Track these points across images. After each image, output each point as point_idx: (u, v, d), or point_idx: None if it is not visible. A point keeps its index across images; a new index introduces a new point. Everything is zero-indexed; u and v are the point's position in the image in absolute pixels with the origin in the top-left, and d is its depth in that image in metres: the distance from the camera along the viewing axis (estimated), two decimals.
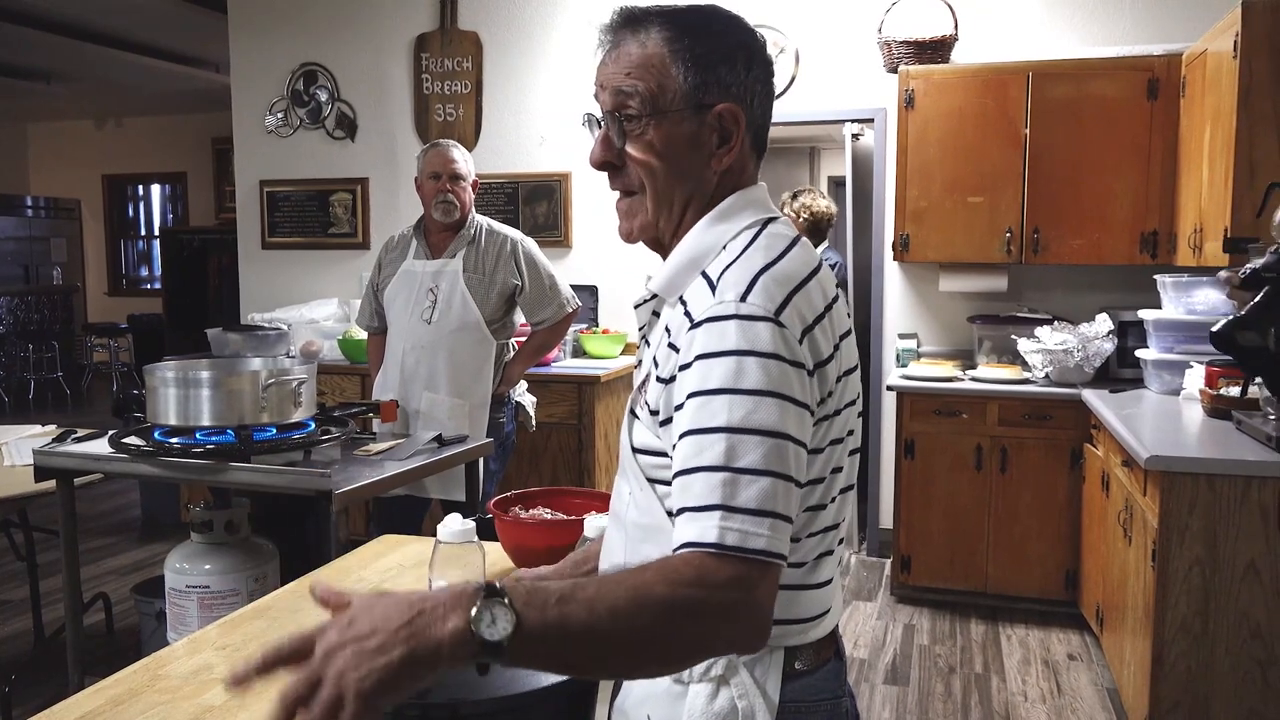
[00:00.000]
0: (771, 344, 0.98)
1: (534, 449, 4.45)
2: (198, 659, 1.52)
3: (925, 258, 4.48)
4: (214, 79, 8.67)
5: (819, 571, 1.12)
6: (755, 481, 0.94)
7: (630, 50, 1.10)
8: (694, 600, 0.90)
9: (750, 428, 0.95)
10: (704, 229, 1.12)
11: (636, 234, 1.17)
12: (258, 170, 5.75)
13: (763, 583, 0.94)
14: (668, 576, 0.91)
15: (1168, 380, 3.76)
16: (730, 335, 0.98)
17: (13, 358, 10.23)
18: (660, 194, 1.12)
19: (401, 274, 3.46)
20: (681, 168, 1.11)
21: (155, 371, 2.71)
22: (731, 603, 0.92)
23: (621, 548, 1.15)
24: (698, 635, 0.92)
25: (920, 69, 4.37)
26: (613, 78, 1.11)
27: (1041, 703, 3.37)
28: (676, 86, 1.09)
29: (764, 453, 0.95)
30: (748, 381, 0.96)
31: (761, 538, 0.93)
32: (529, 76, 5.23)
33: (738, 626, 0.93)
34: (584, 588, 0.88)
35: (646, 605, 0.88)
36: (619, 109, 1.11)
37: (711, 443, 0.96)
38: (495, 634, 0.82)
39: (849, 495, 1.16)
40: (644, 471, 1.09)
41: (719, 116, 1.10)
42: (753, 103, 1.12)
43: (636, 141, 1.11)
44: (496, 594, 0.84)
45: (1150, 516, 2.81)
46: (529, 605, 0.84)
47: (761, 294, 1.00)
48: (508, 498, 2.01)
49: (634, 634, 0.89)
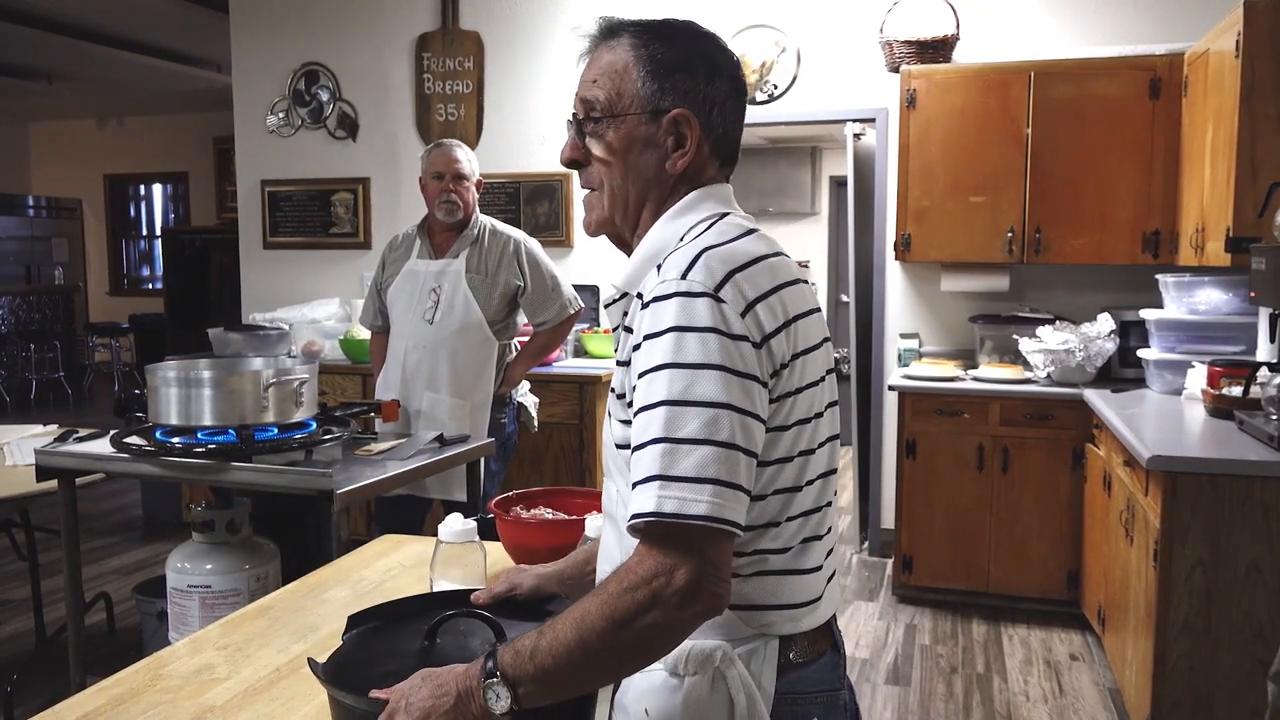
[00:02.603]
0: (710, 318, 1.02)
1: (535, 449, 4.45)
2: (199, 659, 1.52)
3: (927, 257, 4.48)
4: (215, 79, 8.67)
5: (805, 557, 1.13)
6: (694, 450, 0.98)
7: (602, 57, 1.20)
8: (629, 605, 0.98)
9: (689, 399, 0.99)
10: (664, 225, 1.17)
11: (594, 227, 1.25)
12: (259, 170, 5.76)
13: (709, 547, 0.98)
14: (599, 592, 1.00)
15: (1169, 380, 3.76)
16: (670, 312, 1.03)
17: (14, 357, 10.24)
18: (615, 190, 1.19)
19: (404, 274, 3.46)
20: (636, 167, 1.18)
21: (157, 371, 2.71)
22: (659, 586, 0.97)
23: (617, 545, 1.17)
24: (643, 626, 0.98)
25: (922, 69, 4.37)
26: (583, 85, 1.22)
27: (1043, 703, 3.37)
28: (635, 91, 1.16)
29: (703, 422, 0.99)
30: (686, 356, 1.01)
31: (701, 504, 0.97)
32: (530, 76, 5.23)
33: (672, 599, 0.97)
34: (545, 633, 1.01)
35: (593, 630, 0.98)
36: (583, 114, 1.19)
37: (654, 417, 1.00)
38: (502, 707, 1.01)
39: (830, 481, 1.17)
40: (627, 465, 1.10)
41: (674, 121, 1.16)
42: (711, 111, 1.17)
43: (597, 142, 1.19)
44: (492, 674, 1.01)
45: (1152, 516, 2.80)
46: (517, 672, 1.01)
47: (702, 271, 1.05)
48: (509, 498, 2.01)
49: (594, 656, 0.99)
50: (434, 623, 1.23)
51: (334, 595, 1.81)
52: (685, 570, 0.97)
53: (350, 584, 1.87)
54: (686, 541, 0.98)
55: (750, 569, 1.10)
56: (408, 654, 1.21)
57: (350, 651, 1.24)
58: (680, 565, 0.97)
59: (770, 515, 1.09)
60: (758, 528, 1.09)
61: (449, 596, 1.38)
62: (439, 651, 1.21)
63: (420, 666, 1.09)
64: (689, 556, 0.97)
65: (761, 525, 1.09)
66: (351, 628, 1.29)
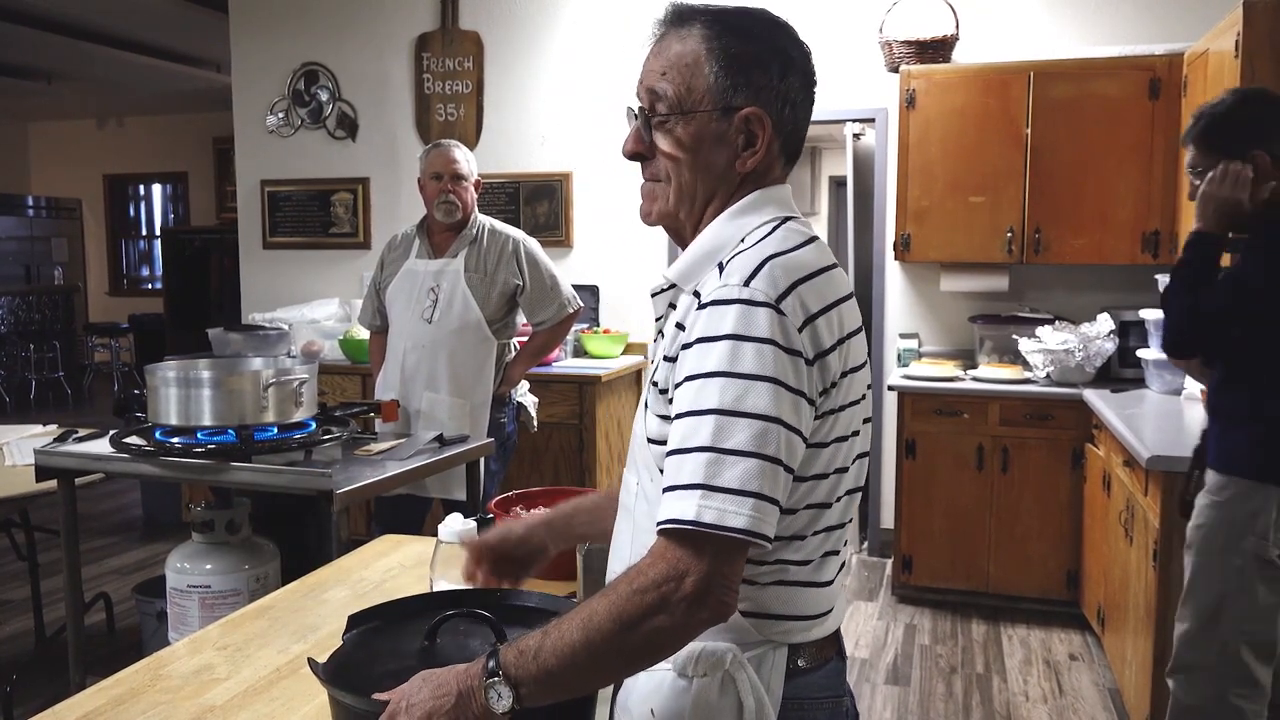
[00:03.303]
0: (768, 330, 1.00)
1: (535, 449, 4.44)
2: (199, 659, 1.52)
3: (926, 257, 4.48)
4: (215, 79, 8.67)
5: (823, 570, 1.13)
6: (740, 462, 0.97)
7: (671, 46, 1.14)
8: (638, 607, 0.97)
9: (741, 410, 0.98)
10: (725, 222, 1.14)
11: (655, 218, 1.20)
12: (259, 170, 5.75)
13: (727, 556, 0.98)
14: (608, 593, 1.00)
15: (1169, 380, 3.76)
16: (729, 319, 1.01)
17: (14, 357, 10.23)
18: (683, 187, 1.15)
19: (403, 273, 3.46)
20: (706, 164, 1.14)
21: (156, 371, 2.71)
22: (672, 590, 0.97)
23: (629, 539, 1.17)
24: (649, 630, 0.98)
25: (921, 69, 4.37)
26: (649, 75, 1.15)
27: (1043, 703, 3.37)
28: (706, 86, 1.11)
29: (752, 434, 0.98)
30: (742, 366, 0.99)
31: (741, 517, 0.97)
32: (530, 76, 5.23)
33: (692, 602, 0.97)
34: (550, 633, 1.01)
35: (599, 631, 0.98)
36: (650, 108, 1.15)
37: (702, 424, 0.99)
38: (503, 706, 1.00)
39: (855, 498, 1.16)
40: (656, 461, 1.10)
41: (745, 120, 1.12)
42: (784, 109, 1.14)
43: (665, 135, 1.14)
44: (494, 673, 1.00)
45: (1152, 516, 2.80)
46: (520, 672, 1.00)
47: (765, 280, 1.02)
48: (509, 498, 2.01)
49: (600, 658, 0.99)
50: (434, 623, 1.23)
51: (334, 595, 1.81)
52: (695, 577, 0.97)
53: (350, 584, 1.87)
54: (705, 549, 0.97)
55: (769, 578, 1.09)
56: (408, 654, 1.21)
57: (350, 652, 1.24)
58: (691, 571, 0.97)
59: (797, 529, 1.09)
60: (783, 539, 1.08)
61: (449, 596, 1.38)
62: (439, 652, 1.20)
63: (421, 667, 1.09)
64: (702, 563, 0.97)
65: (787, 537, 1.08)
66: (351, 628, 1.29)
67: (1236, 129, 2.24)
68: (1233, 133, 2.24)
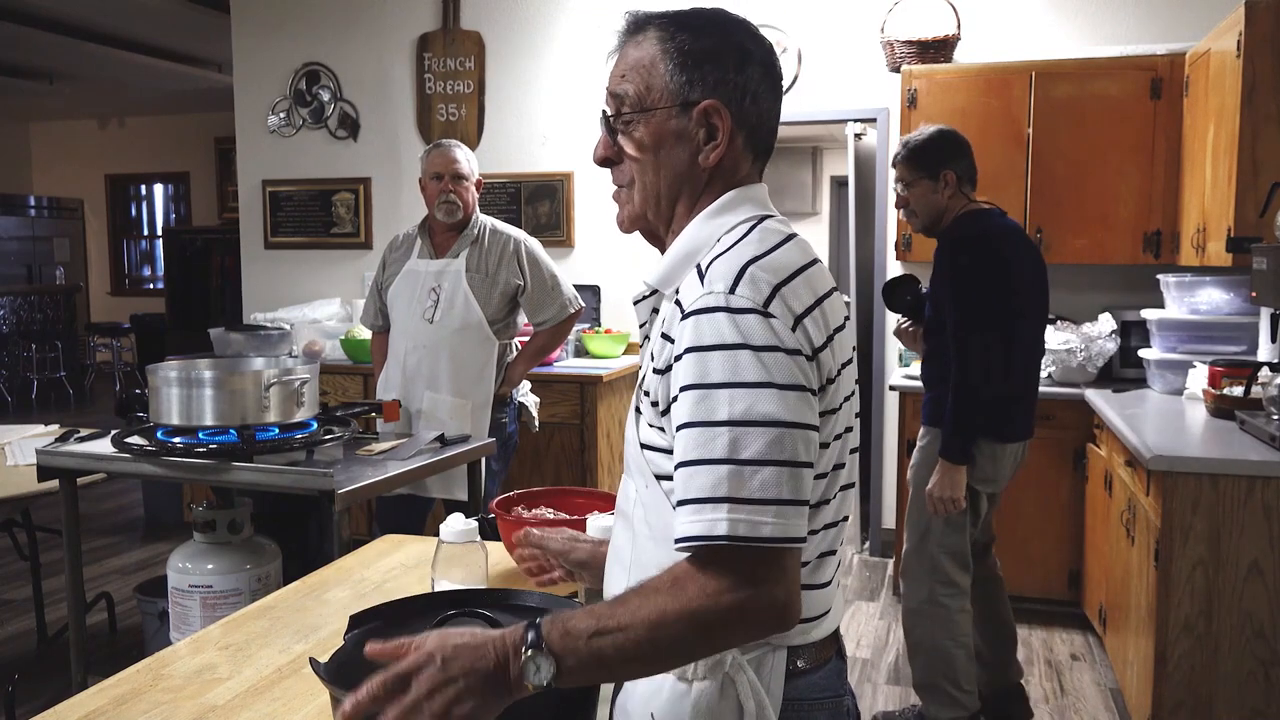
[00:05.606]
0: (764, 336, 1.00)
1: (536, 449, 4.45)
2: (200, 659, 1.52)
3: (928, 257, 4.45)
4: (217, 79, 8.68)
5: (821, 571, 1.13)
6: (759, 472, 0.97)
7: (629, 53, 1.16)
8: (710, 612, 0.96)
9: (753, 419, 0.98)
10: (701, 223, 1.14)
11: (627, 224, 1.21)
12: (260, 170, 5.76)
13: (782, 566, 0.98)
14: (679, 596, 0.97)
15: (1171, 380, 3.75)
16: (723, 328, 1.00)
17: (15, 357, 10.24)
18: (648, 187, 1.16)
19: (405, 273, 3.46)
20: (668, 162, 1.14)
21: (158, 371, 2.71)
22: (744, 599, 0.96)
23: (629, 546, 1.16)
24: (722, 638, 1.00)
25: (923, 68, 4.37)
26: (611, 80, 1.18)
27: (1044, 703, 3.36)
28: (664, 84, 1.13)
29: (767, 442, 0.98)
30: (745, 375, 0.99)
31: (768, 525, 0.97)
32: (531, 76, 5.23)
33: (759, 616, 0.98)
34: (604, 619, 0.99)
35: (668, 632, 0.97)
36: (614, 112, 1.17)
37: (715, 435, 0.98)
38: (541, 679, 0.98)
39: (850, 493, 1.17)
40: (651, 468, 1.10)
41: (704, 113, 1.12)
42: (744, 101, 1.14)
43: (628, 138, 1.16)
44: (538, 644, 0.98)
45: (1153, 516, 2.80)
46: (566, 649, 0.98)
47: (749, 286, 1.02)
48: (510, 498, 2.01)
49: (662, 654, 1.00)
50: (435, 623, 1.23)
51: (335, 595, 1.81)
52: (759, 592, 0.97)
53: (351, 584, 1.87)
54: (761, 561, 0.97)
55: None
56: None
57: (352, 651, 1.24)
58: (764, 586, 0.97)
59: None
60: None
61: (450, 596, 1.38)
62: None
63: None
64: (751, 584, 0.97)
65: None
66: (353, 628, 1.30)
67: (932, 153, 2.93)
68: (931, 156, 2.93)
